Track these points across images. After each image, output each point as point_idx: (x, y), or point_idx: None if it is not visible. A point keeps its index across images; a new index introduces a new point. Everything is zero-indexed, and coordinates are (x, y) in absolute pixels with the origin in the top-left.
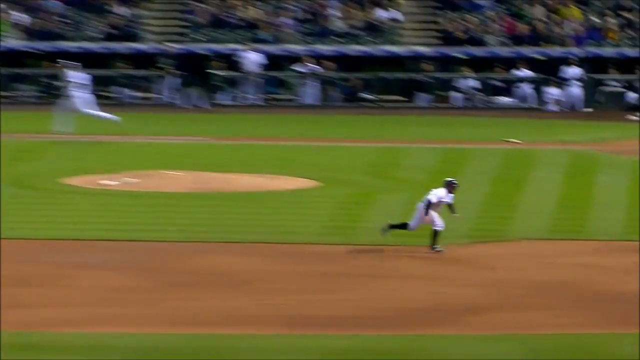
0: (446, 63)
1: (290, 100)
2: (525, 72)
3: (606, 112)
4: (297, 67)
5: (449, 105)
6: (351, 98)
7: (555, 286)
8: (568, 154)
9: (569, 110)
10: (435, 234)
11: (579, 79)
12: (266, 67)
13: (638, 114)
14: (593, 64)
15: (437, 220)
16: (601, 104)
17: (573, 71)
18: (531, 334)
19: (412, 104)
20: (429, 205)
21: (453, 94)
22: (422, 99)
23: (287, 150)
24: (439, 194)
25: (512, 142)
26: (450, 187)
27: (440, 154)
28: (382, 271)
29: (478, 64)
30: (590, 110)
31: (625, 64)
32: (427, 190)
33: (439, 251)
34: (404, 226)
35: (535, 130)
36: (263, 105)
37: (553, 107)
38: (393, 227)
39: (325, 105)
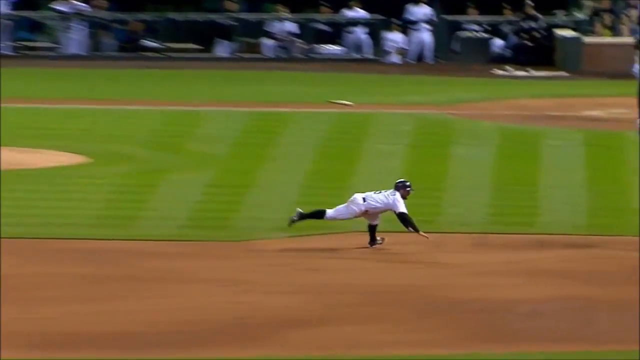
0: (255, 1)
1: (49, 49)
2: (358, 13)
3: (465, 65)
4: (58, 6)
5: (259, 55)
6: (130, 46)
7: (397, 292)
8: (415, 119)
9: (416, 63)
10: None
11: (429, 22)
12: (16, 6)
13: (507, 67)
14: (447, 3)
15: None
16: (458, 54)
17: (421, 11)
18: (366, 356)
19: (211, 54)
20: (405, 217)
21: (265, 41)
22: (224, 47)
23: (44, 114)
24: (402, 200)
25: (342, 104)
26: (404, 192)
27: (247, 120)
28: (171, 274)
29: (297, 3)
30: (443, 62)
31: (489, 3)
32: (243, 170)
33: (379, 244)
34: (318, 215)
35: (372, 88)
36: (13, 56)
37: (395, 59)
38: (305, 217)
39: (95, 55)
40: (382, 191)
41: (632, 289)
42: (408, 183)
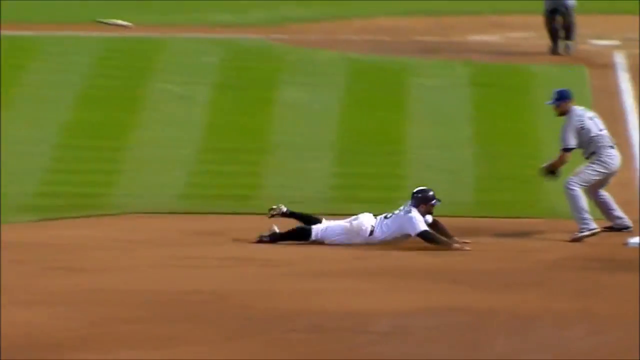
0: None
1: None
2: None
3: None
4: None
5: None
6: None
7: (195, 301)
8: (223, 47)
9: None
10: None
11: None
12: None
13: None
14: None
15: None
16: None
17: None
18: None
19: None
20: (428, 237)
21: None
22: None
23: None
24: (421, 218)
25: (115, 24)
26: (426, 207)
27: None
28: None
29: None
30: None
31: None
32: None
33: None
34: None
35: (159, 3)
36: None
37: None
38: (290, 216)
39: None
40: (395, 212)
41: (538, 294)
42: (431, 193)
